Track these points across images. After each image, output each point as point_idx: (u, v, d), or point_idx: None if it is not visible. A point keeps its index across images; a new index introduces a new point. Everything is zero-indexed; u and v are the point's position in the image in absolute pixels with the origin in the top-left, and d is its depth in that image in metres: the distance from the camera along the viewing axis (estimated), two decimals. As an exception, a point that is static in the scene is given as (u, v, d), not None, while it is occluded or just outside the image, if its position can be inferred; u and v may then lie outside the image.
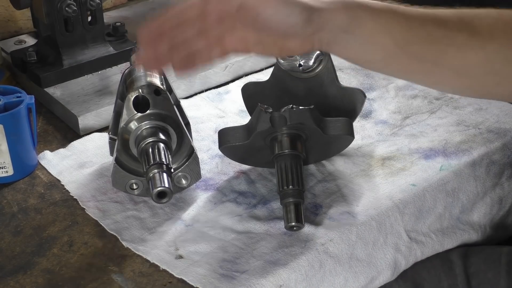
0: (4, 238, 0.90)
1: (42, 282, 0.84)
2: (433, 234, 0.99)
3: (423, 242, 0.98)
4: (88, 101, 1.11)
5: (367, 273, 0.92)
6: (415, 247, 0.97)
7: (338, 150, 1.01)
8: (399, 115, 1.11)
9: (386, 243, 0.94)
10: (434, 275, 1.02)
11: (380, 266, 0.93)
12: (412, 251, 0.97)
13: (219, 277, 0.83)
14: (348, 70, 1.23)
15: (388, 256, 0.94)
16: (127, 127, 0.91)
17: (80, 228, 0.91)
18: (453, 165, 1.00)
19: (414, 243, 0.97)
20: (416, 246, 0.97)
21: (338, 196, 0.95)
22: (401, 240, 0.95)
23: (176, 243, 0.89)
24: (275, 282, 0.84)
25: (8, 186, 0.98)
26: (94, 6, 1.15)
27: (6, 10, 1.29)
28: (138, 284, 0.83)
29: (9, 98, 0.97)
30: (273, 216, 0.92)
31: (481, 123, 1.08)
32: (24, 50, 1.18)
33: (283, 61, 1.00)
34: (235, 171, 1.00)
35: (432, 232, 0.99)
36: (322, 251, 0.88)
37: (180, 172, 0.94)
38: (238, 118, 1.11)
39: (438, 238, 1.00)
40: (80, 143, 1.06)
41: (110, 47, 1.20)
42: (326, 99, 1.02)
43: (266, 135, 0.94)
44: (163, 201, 0.86)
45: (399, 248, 0.95)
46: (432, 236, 0.99)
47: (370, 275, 0.93)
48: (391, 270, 0.95)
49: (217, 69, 1.20)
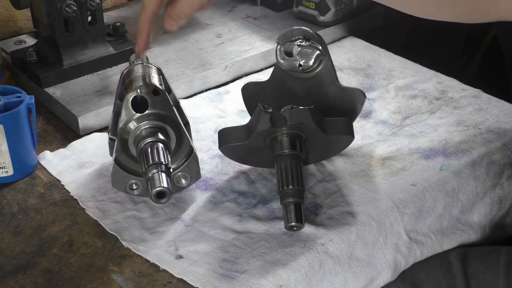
0: (4, 238, 0.90)
1: (42, 282, 0.84)
2: (432, 235, 0.99)
3: (423, 242, 0.98)
4: (88, 101, 1.11)
5: (367, 273, 0.92)
6: (414, 247, 0.97)
7: (338, 150, 1.01)
8: (399, 115, 1.11)
9: (385, 243, 0.94)
10: (433, 276, 1.02)
11: (380, 267, 0.93)
12: (412, 251, 0.97)
13: (219, 277, 0.83)
14: (348, 70, 1.23)
15: (388, 256, 0.94)
16: (126, 127, 0.91)
17: (80, 228, 0.91)
18: (453, 165, 1.00)
19: (414, 243, 0.97)
20: (416, 246, 0.97)
21: (338, 196, 0.95)
22: (401, 240, 0.95)
23: (176, 243, 0.89)
24: (275, 282, 0.84)
25: (8, 186, 0.99)
26: (94, 6, 1.15)
27: (6, 10, 1.29)
28: (138, 284, 0.83)
29: (9, 98, 0.97)
30: (273, 216, 0.92)
31: (481, 123, 1.08)
32: (24, 50, 1.18)
33: (283, 61, 1.00)
34: (235, 171, 1.00)
35: (431, 233, 0.99)
36: (322, 251, 0.88)
37: (179, 172, 0.94)
38: (238, 118, 1.11)
39: (437, 238, 1.00)
40: (80, 143, 1.06)
41: (110, 47, 1.20)
42: (326, 99, 1.02)
43: (266, 135, 0.94)
44: (162, 201, 0.86)
45: (399, 248, 0.95)
46: (431, 237, 0.99)
47: (370, 275, 0.93)
48: (391, 271, 0.95)
49: (217, 69, 1.20)
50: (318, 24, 1.31)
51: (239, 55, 1.23)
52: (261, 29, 1.32)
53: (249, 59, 1.23)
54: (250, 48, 1.25)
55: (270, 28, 1.32)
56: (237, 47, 1.26)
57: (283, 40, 1.00)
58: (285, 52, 1.00)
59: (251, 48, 1.25)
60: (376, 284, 0.94)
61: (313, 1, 1.31)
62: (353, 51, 1.29)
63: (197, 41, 1.28)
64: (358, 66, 1.24)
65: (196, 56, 1.24)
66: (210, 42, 1.28)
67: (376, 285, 0.94)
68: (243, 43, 1.27)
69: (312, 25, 1.30)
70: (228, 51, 1.25)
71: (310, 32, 1.00)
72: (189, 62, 1.22)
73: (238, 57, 1.23)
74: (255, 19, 1.35)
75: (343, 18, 1.33)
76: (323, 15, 1.31)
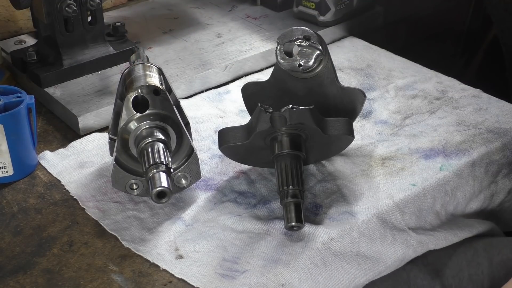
0: (4, 238, 0.90)
1: (42, 282, 0.84)
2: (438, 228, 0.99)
3: (432, 235, 0.97)
4: (88, 101, 1.11)
5: (376, 269, 0.92)
6: (426, 240, 0.96)
7: (338, 150, 1.01)
8: (399, 115, 1.11)
9: (385, 243, 0.94)
10: (456, 263, 1.00)
11: (389, 262, 0.93)
12: (424, 244, 0.96)
13: (219, 277, 0.83)
14: (348, 70, 1.23)
15: (398, 252, 0.93)
16: (127, 127, 0.91)
17: (80, 228, 0.91)
18: (453, 165, 1.00)
19: (423, 236, 0.96)
20: (426, 239, 0.96)
21: (338, 196, 0.95)
22: (409, 235, 0.95)
23: (176, 243, 0.89)
24: (276, 281, 0.84)
25: (8, 186, 0.99)
26: (94, 6, 1.15)
27: (6, 10, 1.29)
28: (138, 284, 0.83)
29: (9, 98, 0.97)
30: (273, 216, 0.93)
31: (481, 123, 1.08)
32: (24, 50, 1.18)
33: (283, 61, 1.00)
34: (235, 171, 1.00)
35: (435, 228, 0.98)
36: (324, 249, 0.88)
37: (180, 172, 0.94)
38: (238, 118, 1.11)
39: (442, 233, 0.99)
40: (80, 143, 1.06)
41: (110, 47, 1.20)
42: (326, 99, 1.02)
43: (266, 135, 0.94)
44: (163, 201, 0.86)
45: (409, 243, 0.95)
46: (437, 230, 0.98)
47: (378, 270, 0.92)
48: (398, 264, 0.94)
49: (217, 69, 1.20)
50: (318, 24, 1.31)
51: (239, 55, 1.23)
52: (261, 29, 1.32)
53: (249, 59, 1.23)
54: (250, 48, 1.25)
55: (270, 28, 1.32)
56: (237, 47, 1.26)
57: (283, 40, 1.00)
58: (285, 52, 1.00)
59: (251, 48, 1.25)
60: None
61: (313, 1, 1.31)
62: (353, 51, 1.29)
63: (197, 41, 1.28)
64: (358, 66, 1.24)
65: (196, 56, 1.24)
66: (210, 42, 1.28)
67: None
68: (243, 43, 1.27)
69: (312, 25, 1.30)
70: (228, 51, 1.25)
71: (310, 32, 1.00)
72: (189, 62, 1.22)
73: (238, 57, 1.23)
74: (255, 19, 1.36)
75: (343, 18, 1.33)
76: (323, 15, 1.31)
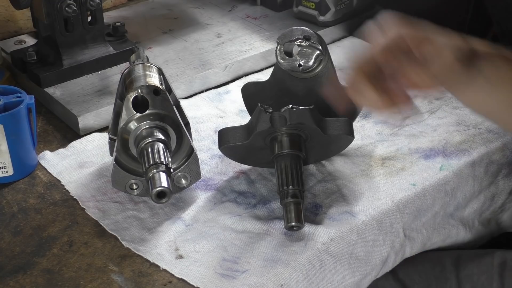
0: (4, 238, 0.90)
1: (42, 282, 0.84)
2: (424, 230, 0.99)
3: (414, 238, 0.98)
4: (88, 101, 1.11)
5: (363, 270, 0.93)
6: (406, 243, 0.97)
7: (338, 150, 1.01)
8: (399, 115, 1.11)
9: (384, 242, 0.94)
10: (425, 278, 1.02)
11: (374, 263, 0.94)
12: (403, 247, 0.97)
13: (219, 277, 0.83)
14: (348, 70, 1.23)
15: (383, 253, 0.94)
16: (127, 127, 0.91)
17: (80, 228, 0.91)
18: (453, 165, 1.00)
19: (407, 240, 0.97)
20: (407, 242, 0.97)
21: (338, 196, 0.95)
22: (398, 238, 0.95)
23: (176, 243, 0.89)
24: (276, 282, 0.84)
25: (8, 186, 0.98)
26: (94, 6, 1.15)
27: (6, 10, 1.29)
28: (138, 284, 0.83)
29: (9, 98, 0.97)
30: (273, 216, 0.93)
31: (481, 123, 1.08)
32: (24, 50, 1.18)
33: (283, 61, 1.00)
34: (235, 171, 1.00)
35: (424, 228, 0.99)
36: (323, 250, 0.88)
37: (180, 172, 0.94)
38: (238, 118, 1.11)
39: (428, 233, 1.00)
40: (80, 143, 1.06)
41: (110, 47, 1.20)
42: (326, 99, 1.02)
43: (266, 135, 0.94)
44: (163, 201, 0.86)
45: (394, 246, 0.95)
46: (423, 232, 0.99)
47: (365, 271, 0.93)
48: (381, 265, 0.95)
49: (217, 69, 1.20)
50: (318, 24, 1.31)
51: (239, 55, 1.23)
52: (261, 29, 1.32)
53: (249, 59, 1.23)
54: (250, 48, 1.25)
55: (270, 28, 1.32)
56: (237, 47, 1.26)
57: (283, 40, 1.00)
58: (285, 52, 1.00)
59: (251, 48, 1.25)
60: (368, 279, 0.95)
61: (313, 1, 1.31)
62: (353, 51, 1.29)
63: (197, 41, 1.28)
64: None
65: (196, 56, 1.24)
66: (210, 42, 1.28)
67: (368, 280, 0.95)
68: (243, 43, 1.27)
69: (312, 25, 1.30)
70: (228, 51, 1.25)
71: (310, 32, 1.00)
72: (189, 62, 1.22)
73: (238, 57, 1.23)
74: (255, 19, 1.35)
75: (343, 18, 1.33)
76: (323, 15, 1.31)
